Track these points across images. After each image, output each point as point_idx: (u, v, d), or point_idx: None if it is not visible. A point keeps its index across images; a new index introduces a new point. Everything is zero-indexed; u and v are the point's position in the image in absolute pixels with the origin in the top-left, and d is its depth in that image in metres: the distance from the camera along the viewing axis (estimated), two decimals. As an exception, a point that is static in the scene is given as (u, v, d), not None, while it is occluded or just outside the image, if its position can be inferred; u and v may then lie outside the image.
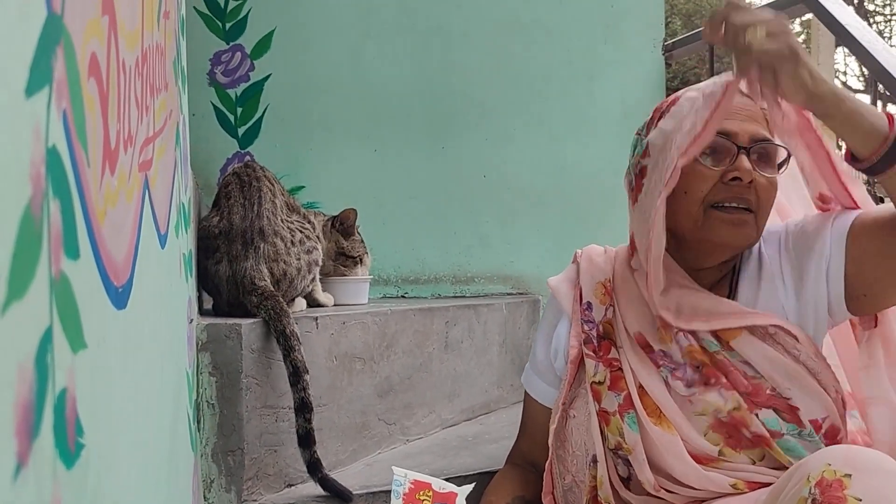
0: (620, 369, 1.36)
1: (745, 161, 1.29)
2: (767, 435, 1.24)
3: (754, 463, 1.26)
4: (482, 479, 1.62)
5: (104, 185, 0.64)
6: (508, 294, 2.87)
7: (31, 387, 0.42)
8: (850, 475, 1.00)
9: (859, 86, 15.21)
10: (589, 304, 1.44)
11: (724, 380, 1.28)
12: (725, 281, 1.39)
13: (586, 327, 1.42)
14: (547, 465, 1.45)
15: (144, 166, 0.88)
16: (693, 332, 1.32)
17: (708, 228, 1.31)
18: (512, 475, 1.54)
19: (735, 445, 1.26)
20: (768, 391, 1.26)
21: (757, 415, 1.25)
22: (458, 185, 2.87)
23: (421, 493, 1.26)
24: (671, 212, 1.32)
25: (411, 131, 2.85)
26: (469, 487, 1.29)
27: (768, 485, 1.20)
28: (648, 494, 1.31)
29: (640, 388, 1.33)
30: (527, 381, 1.58)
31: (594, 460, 1.36)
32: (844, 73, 15.23)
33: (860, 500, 0.98)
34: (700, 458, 1.27)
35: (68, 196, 0.51)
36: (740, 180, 1.28)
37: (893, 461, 1.03)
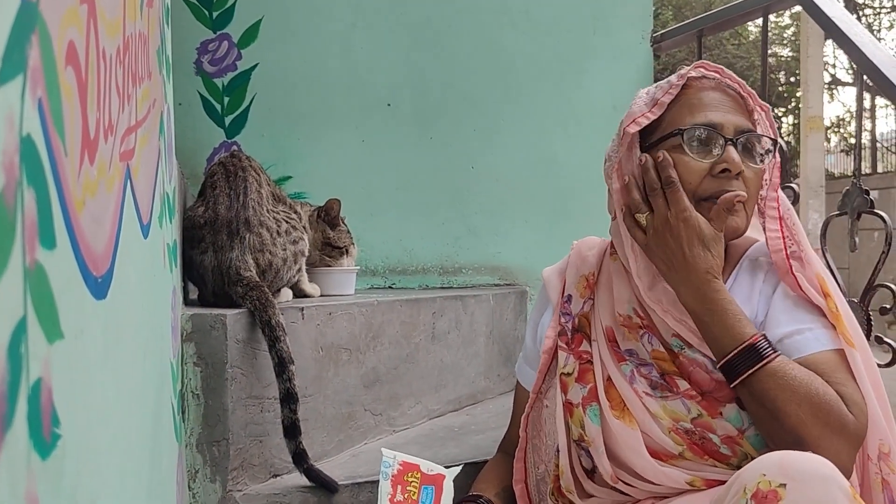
0: (590, 362, 1.37)
1: (733, 153, 1.28)
2: (736, 433, 1.23)
3: (715, 466, 1.25)
4: (469, 469, 1.63)
5: (83, 175, 0.63)
6: (496, 285, 2.87)
7: (2, 377, 0.42)
8: (784, 485, 0.99)
9: (848, 78, 15.26)
10: (569, 296, 1.46)
11: (685, 387, 1.27)
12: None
13: (563, 319, 1.44)
14: (519, 452, 1.45)
15: (126, 156, 0.87)
16: (658, 335, 1.32)
17: None
18: (502, 464, 1.55)
19: (700, 453, 1.25)
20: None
21: (721, 413, 1.24)
22: (446, 176, 2.87)
23: (409, 474, 1.26)
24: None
25: (399, 122, 2.85)
26: (457, 469, 1.30)
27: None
28: (611, 487, 1.32)
29: (609, 380, 1.33)
30: (518, 369, 1.60)
31: (558, 450, 1.37)
32: (833, 66, 15.27)
33: None
34: (660, 455, 1.27)
35: (44, 185, 0.51)
36: (729, 172, 1.28)
37: (830, 465, 1.02)
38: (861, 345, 1.25)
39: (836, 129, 15.92)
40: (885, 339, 1.90)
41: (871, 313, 1.94)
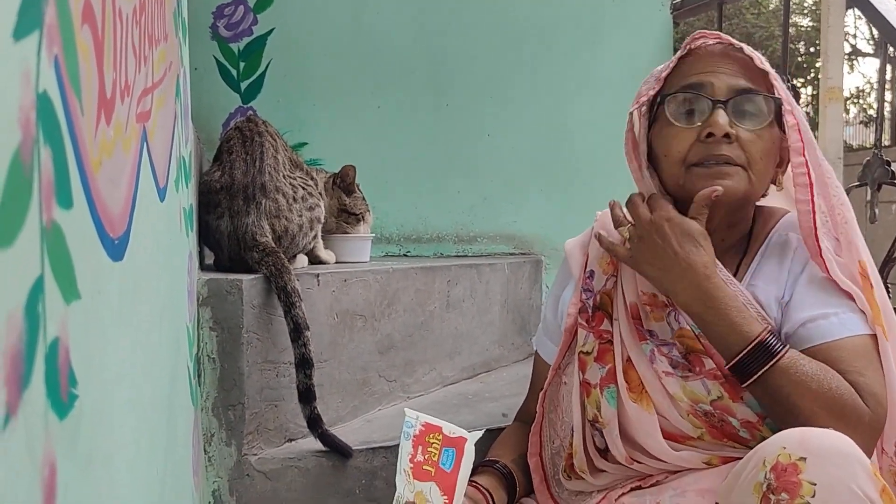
0: (610, 342, 1.34)
1: (719, 115, 1.24)
2: (756, 419, 1.21)
3: (734, 447, 1.24)
4: (482, 438, 1.63)
5: (99, 135, 0.63)
6: (511, 254, 2.86)
7: (20, 336, 0.42)
8: (804, 458, 0.98)
9: (869, 49, 15.06)
10: (592, 272, 1.42)
11: (707, 367, 1.25)
12: (735, 254, 1.34)
13: (584, 296, 1.41)
14: (535, 426, 1.44)
15: (142, 117, 0.87)
16: (682, 314, 1.29)
17: (690, 186, 1.27)
18: (519, 432, 1.54)
19: (719, 436, 1.23)
20: None
21: (742, 397, 1.22)
22: (461, 143, 2.85)
23: (431, 435, 1.26)
24: (662, 176, 1.32)
25: (415, 88, 2.83)
26: (479, 433, 1.29)
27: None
28: (624, 465, 1.31)
29: (628, 360, 1.31)
30: (537, 340, 1.57)
31: (573, 429, 1.36)
32: (854, 37, 15.07)
33: (814, 485, 0.96)
34: (677, 437, 1.26)
35: (60, 144, 0.50)
36: (714, 136, 1.24)
37: (850, 442, 1.01)
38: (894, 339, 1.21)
39: (855, 101, 15.75)
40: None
41: (889, 286, 1.92)
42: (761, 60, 1.28)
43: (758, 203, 1.37)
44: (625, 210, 1.33)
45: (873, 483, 0.97)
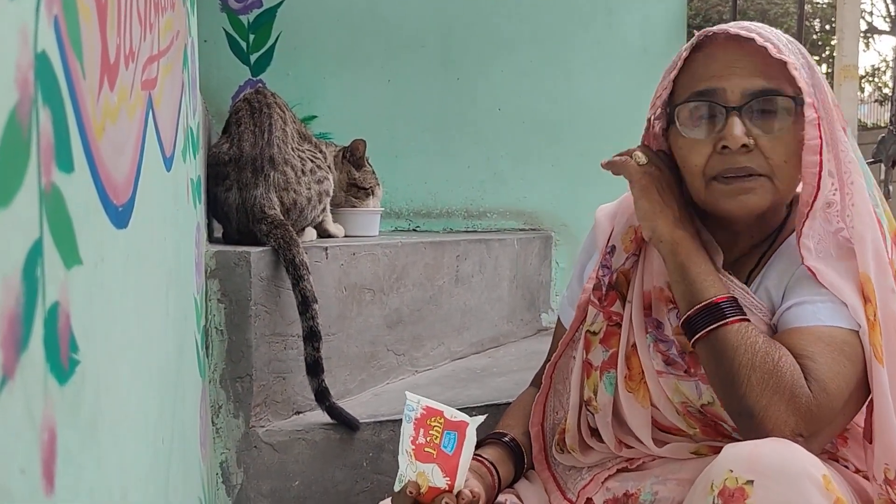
0: (618, 325, 1.30)
1: (734, 125, 1.14)
2: None
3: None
4: (489, 411, 1.63)
5: (102, 100, 0.62)
6: (521, 230, 2.85)
7: (17, 298, 0.41)
8: (751, 481, 0.94)
9: (885, 26, 14.91)
10: (613, 248, 1.35)
11: (701, 371, 1.20)
12: (756, 253, 1.27)
13: (601, 272, 1.34)
14: (539, 396, 1.42)
15: (148, 85, 0.86)
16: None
17: (712, 202, 1.19)
18: (531, 400, 1.52)
19: (713, 434, 1.21)
20: None
21: None
22: (472, 118, 2.83)
23: (432, 419, 1.25)
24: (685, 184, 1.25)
25: (426, 63, 2.81)
26: (480, 419, 1.29)
27: None
28: None
29: (633, 347, 1.27)
30: (561, 307, 1.53)
31: (569, 406, 1.35)
32: (870, 14, 14.92)
33: None
34: (671, 430, 1.24)
35: (60, 106, 0.50)
36: (728, 149, 1.15)
37: (802, 458, 0.97)
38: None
39: (870, 79, 15.62)
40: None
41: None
42: (777, 49, 1.16)
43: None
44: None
45: (825, 497, 0.94)
